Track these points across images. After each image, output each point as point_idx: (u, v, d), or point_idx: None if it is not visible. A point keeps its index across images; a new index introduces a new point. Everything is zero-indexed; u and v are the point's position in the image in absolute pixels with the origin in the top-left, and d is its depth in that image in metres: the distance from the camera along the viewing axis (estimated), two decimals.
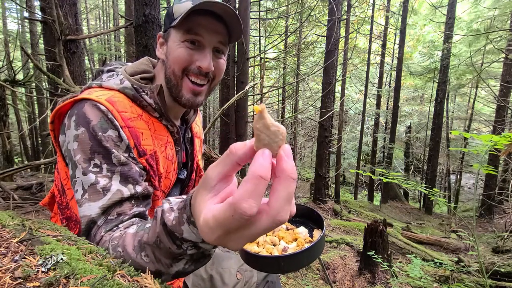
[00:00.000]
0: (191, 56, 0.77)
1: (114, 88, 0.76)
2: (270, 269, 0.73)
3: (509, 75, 7.76)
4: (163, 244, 0.51)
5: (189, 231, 0.47)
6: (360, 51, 12.44)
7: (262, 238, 0.77)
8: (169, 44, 0.78)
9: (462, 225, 7.10)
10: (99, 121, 0.68)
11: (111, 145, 0.69)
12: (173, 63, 0.77)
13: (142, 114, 0.77)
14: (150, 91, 0.78)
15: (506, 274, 2.83)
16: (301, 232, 0.79)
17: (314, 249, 0.69)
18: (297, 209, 0.89)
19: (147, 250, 0.54)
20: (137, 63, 0.85)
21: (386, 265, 2.44)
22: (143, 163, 0.74)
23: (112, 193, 0.66)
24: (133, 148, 0.72)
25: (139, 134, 0.74)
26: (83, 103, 0.70)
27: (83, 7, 10.62)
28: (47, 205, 0.91)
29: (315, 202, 6.72)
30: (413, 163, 14.23)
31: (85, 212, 0.65)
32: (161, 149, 0.81)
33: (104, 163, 0.68)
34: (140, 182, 0.72)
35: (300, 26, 8.03)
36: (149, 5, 2.65)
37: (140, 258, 0.55)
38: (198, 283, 0.97)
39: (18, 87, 5.65)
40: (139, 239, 0.56)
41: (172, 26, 0.76)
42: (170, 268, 0.53)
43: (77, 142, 0.68)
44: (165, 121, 0.83)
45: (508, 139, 1.34)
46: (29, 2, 8.06)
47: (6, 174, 3.02)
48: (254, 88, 9.38)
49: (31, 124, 10.23)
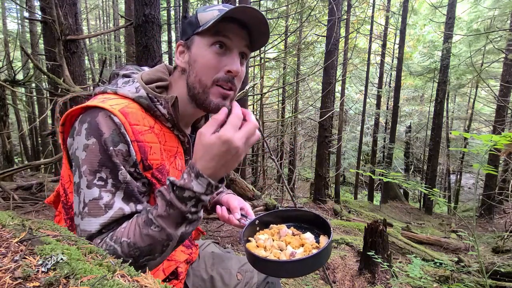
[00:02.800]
0: (219, 62, 0.75)
1: (129, 97, 0.75)
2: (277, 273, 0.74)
3: (509, 75, 7.76)
4: (173, 208, 0.65)
5: (197, 183, 0.65)
6: (360, 51, 12.43)
7: (269, 243, 0.79)
8: (193, 51, 0.77)
9: (462, 225, 7.11)
10: (111, 133, 0.68)
11: (120, 160, 0.69)
12: (200, 71, 0.76)
13: (154, 126, 0.77)
14: (164, 102, 0.77)
15: (506, 274, 2.83)
16: (308, 238, 0.81)
17: (322, 255, 0.70)
18: (303, 215, 0.92)
19: (157, 221, 0.65)
20: (153, 70, 0.84)
21: (386, 265, 2.44)
22: (148, 176, 0.75)
23: (114, 211, 0.68)
24: (139, 162, 0.73)
25: (148, 148, 0.74)
26: (97, 111, 0.70)
27: (83, 7, 10.62)
28: (52, 203, 0.91)
29: (315, 202, 6.72)
30: (413, 163, 14.23)
31: (85, 227, 0.67)
32: (171, 160, 0.81)
33: (110, 177, 0.68)
34: (142, 200, 0.73)
35: (300, 26, 8.03)
36: (149, 5, 2.65)
37: (151, 231, 0.65)
38: (199, 283, 0.98)
39: (18, 87, 5.65)
40: (144, 220, 0.66)
41: (198, 32, 0.76)
42: (176, 230, 0.67)
43: (85, 152, 0.68)
44: (176, 131, 0.82)
45: (508, 139, 1.34)
46: (29, 2, 8.05)
47: (6, 174, 3.03)
48: (254, 88, 9.39)
49: (31, 124, 10.23)
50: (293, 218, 0.91)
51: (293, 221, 0.91)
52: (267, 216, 0.91)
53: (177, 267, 0.90)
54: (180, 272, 0.91)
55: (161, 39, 3.00)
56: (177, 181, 0.65)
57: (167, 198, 0.65)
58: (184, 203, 0.65)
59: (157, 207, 0.66)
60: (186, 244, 0.98)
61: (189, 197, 0.65)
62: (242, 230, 0.83)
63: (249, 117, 0.66)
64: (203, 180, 0.64)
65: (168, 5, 8.07)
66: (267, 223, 0.90)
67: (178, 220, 0.66)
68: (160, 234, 0.65)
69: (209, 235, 3.16)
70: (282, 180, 7.20)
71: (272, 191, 7.32)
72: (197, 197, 0.65)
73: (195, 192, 0.64)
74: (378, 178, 1.95)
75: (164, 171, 0.78)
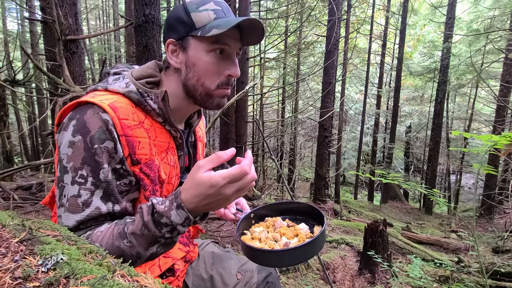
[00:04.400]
0: (220, 67, 0.78)
1: (119, 92, 0.76)
2: (273, 263, 0.76)
3: (509, 75, 7.76)
4: (148, 230, 0.65)
5: (176, 214, 0.65)
6: (360, 51, 12.42)
7: (264, 235, 0.82)
8: (190, 53, 0.77)
9: (462, 225, 7.10)
10: (97, 131, 0.69)
11: (105, 157, 0.70)
12: (203, 75, 0.78)
13: (144, 121, 0.77)
14: (155, 96, 0.78)
15: (506, 274, 2.83)
16: (302, 228, 0.83)
17: (316, 243, 0.73)
18: (298, 207, 0.95)
19: (130, 237, 0.66)
20: (143, 67, 0.85)
21: (386, 265, 2.44)
22: (136, 171, 0.75)
23: (90, 209, 0.69)
24: (127, 157, 0.73)
25: (136, 143, 0.74)
26: (86, 108, 0.71)
27: (83, 7, 10.61)
28: (48, 204, 0.91)
29: (315, 202, 6.73)
30: (413, 163, 14.23)
31: (64, 221, 0.69)
32: (162, 155, 0.82)
33: (90, 176, 0.69)
34: (121, 201, 0.74)
35: (300, 26, 8.03)
36: (149, 5, 2.65)
37: (123, 244, 0.66)
38: (199, 283, 0.98)
39: (18, 87, 5.65)
40: (119, 231, 0.68)
41: (194, 35, 0.76)
42: (146, 251, 0.67)
43: (71, 148, 0.69)
44: (168, 126, 0.83)
45: (508, 139, 1.34)
46: (29, 2, 8.06)
47: (6, 174, 3.03)
48: (254, 88, 9.39)
49: (31, 124, 10.23)
50: (288, 210, 0.93)
51: (288, 213, 0.93)
52: (262, 210, 0.92)
53: (173, 264, 0.90)
54: (177, 269, 0.91)
55: (161, 39, 3.00)
56: (158, 206, 0.65)
57: (144, 220, 0.66)
58: (159, 229, 0.65)
59: (133, 223, 0.67)
60: (183, 242, 0.97)
61: (166, 224, 0.65)
62: (237, 224, 0.85)
63: (250, 169, 0.65)
64: (182, 213, 0.65)
65: (168, 5, 8.08)
66: (262, 216, 0.92)
67: (151, 241, 0.67)
68: (130, 250, 0.66)
69: (209, 235, 3.16)
70: (282, 180, 7.20)
71: (272, 191, 7.32)
72: (173, 226, 0.66)
73: (172, 221, 0.65)
74: (378, 178, 1.95)
75: (153, 166, 0.78)
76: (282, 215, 0.92)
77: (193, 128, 0.96)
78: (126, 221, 0.70)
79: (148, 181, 0.77)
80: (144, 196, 0.79)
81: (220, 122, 5.70)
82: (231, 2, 4.94)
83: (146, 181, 0.77)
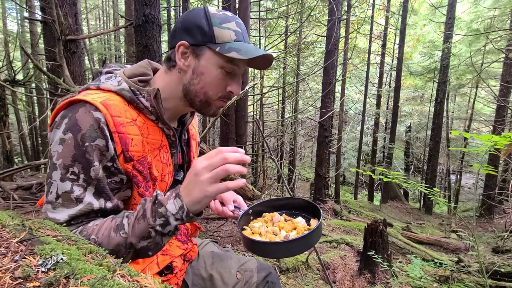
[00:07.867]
0: (225, 82, 0.82)
1: (111, 90, 0.77)
2: (274, 253, 0.81)
3: (509, 75, 7.76)
4: (144, 218, 0.68)
5: (172, 203, 0.68)
6: (360, 51, 12.41)
7: (263, 229, 0.87)
8: (202, 63, 0.79)
9: (462, 225, 7.10)
10: (88, 129, 0.69)
11: (96, 155, 0.70)
12: (207, 86, 0.81)
13: (136, 118, 0.78)
14: (147, 94, 0.79)
15: (506, 274, 2.83)
16: (299, 221, 0.89)
17: (314, 234, 0.79)
18: (294, 202, 1.00)
19: (126, 227, 0.69)
20: (136, 66, 0.86)
21: (386, 265, 2.44)
22: (128, 168, 0.75)
23: (83, 204, 0.71)
24: (120, 154, 0.74)
25: (129, 140, 0.75)
26: (78, 107, 0.71)
27: (83, 7, 10.61)
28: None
29: (315, 202, 6.72)
30: (413, 163, 14.23)
31: (54, 216, 0.70)
32: (154, 153, 0.82)
33: (82, 173, 0.70)
34: (113, 198, 0.75)
35: (300, 26, 8.02)
36: (149, 5, 2.65)
37: (119, 235, 0.69)
38: (198, 282, 0.98)
39: (18, 87, 5.65)
40: (117, 223, 0.70)
41: (212, 48, 0.77)
42: (138, 243, 0.69)
43: (62, 146, 0.69)
44: (161, 124, 0.83)
45: (508, 139, 1.34)
46: (29, 2, 8.04)
47: (6, 174, 3.03)
48: (254, 88, 9.39)
49: (31, 124, 10.22)
50: (284, 206, 0.98)
51: (285, 209, 0.97)
52: (259, 206, 0.96)
53: (171, 262, 0.90)
54: (175, 267, 0.91)
55: (161, 39, 3.00)
56: (161, 196, 0.70)
57: (145, 206, 0.69)
58: (154, 218, 0.68)
59: (134, 212, 0.71)
60: (182, 240, 0.98)
61: (161, 214, 0.68)
62: (238, 220, 0.89)
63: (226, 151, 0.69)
64: (178, 201, 0.68)
65: (168, 5, 8.07)
66: (260, 212, 0.95)
67: (144, 233, 0.68)
68: (125, 241, 0.69)
69: (209, 235, 3.16)
70: (282, 180, 7.20)
71: (272, 191, 7.31)
72: (166, 218, 0.68)
73: (167, 210, 0.68)
74: (378, 178, 1.95)
75: (146, 163, 0.79)
76: (279, 211, 0.96)
77: (186, 126, 0.96)
78: (125, 214, 0.73)
79: (141, 178, 0.78)
80: (138, 193, 0.79)
81: (220, 122, 5.71)
82: (231, 2, 4.94)
83: (139, 178, 0.78)
